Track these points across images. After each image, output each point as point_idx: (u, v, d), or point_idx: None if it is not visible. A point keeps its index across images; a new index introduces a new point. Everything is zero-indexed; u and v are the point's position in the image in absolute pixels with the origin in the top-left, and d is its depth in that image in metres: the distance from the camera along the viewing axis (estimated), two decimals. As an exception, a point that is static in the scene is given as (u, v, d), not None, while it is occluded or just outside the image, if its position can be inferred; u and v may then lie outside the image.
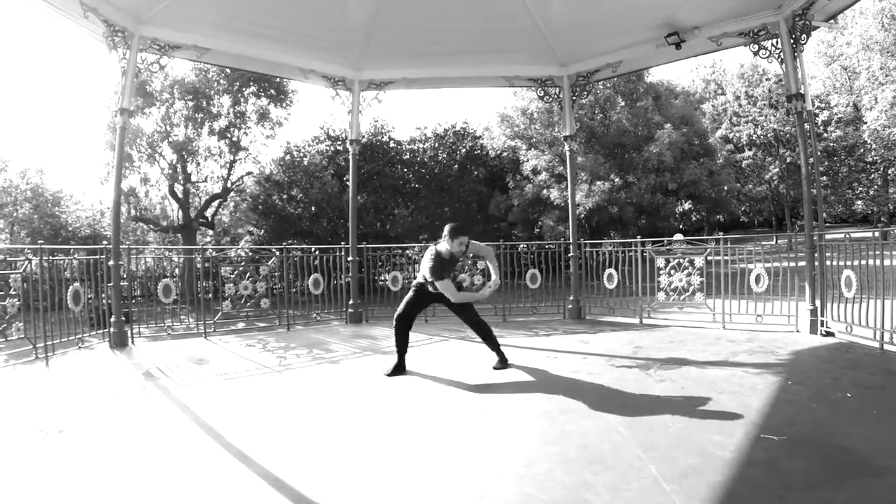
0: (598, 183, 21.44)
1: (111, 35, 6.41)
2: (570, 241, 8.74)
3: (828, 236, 6.63)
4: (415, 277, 5.63)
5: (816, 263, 6.40)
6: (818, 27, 6.43)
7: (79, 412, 4.00)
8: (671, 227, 24.21)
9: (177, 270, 9.24)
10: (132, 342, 6.77)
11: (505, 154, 25.06)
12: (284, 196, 21.60)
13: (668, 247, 7.96)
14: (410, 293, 5.21)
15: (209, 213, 23.43)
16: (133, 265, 7.89)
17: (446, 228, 4.96)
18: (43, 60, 65.00)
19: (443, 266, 4.92)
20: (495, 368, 5.12)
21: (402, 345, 5.15)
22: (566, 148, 8.89)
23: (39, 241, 6.21)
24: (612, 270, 8.23)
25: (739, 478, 2.68)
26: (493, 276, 5.31)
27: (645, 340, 6.37)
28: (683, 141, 22.92)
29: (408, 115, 44.76)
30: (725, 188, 25.89)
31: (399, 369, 5.08)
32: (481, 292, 5.47)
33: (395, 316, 5.17)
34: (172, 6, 6.54)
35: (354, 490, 2.73)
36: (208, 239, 24.53)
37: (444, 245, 4.95)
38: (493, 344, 5.25)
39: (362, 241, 9.69)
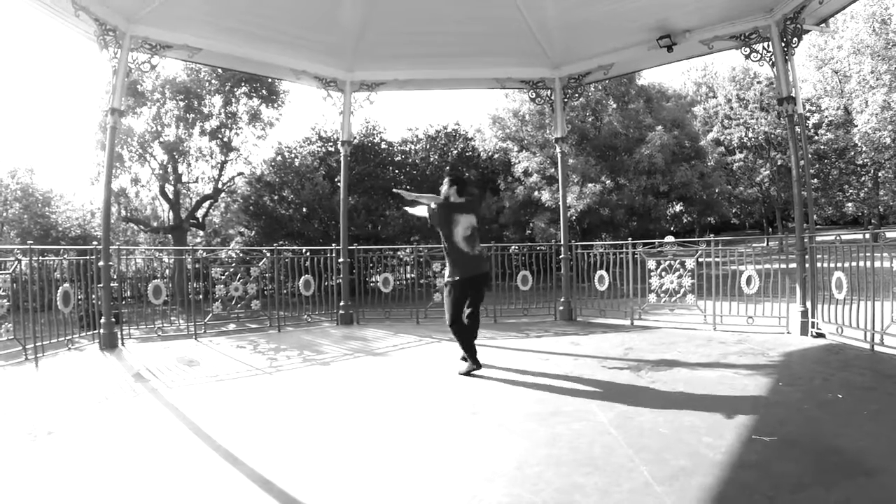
0: (590, 185, 21.52)
1: (102, 34, 6.37)
2: (562, 242, 8.74)
3: (818, 238, 6.67)
4: (406, 279, 5.56)
5: (807, 265, 6.42)
6: (809, 31, 6.48)
7: (68, 414, 3.96)
8: (662, 228, 24.30)
9: (167, 271, 9.18)
10: (122, 343, 6.71)
11: (496, 156, 25.09)
12: (275, 197, 21.56)
13: (659, 248, 7.98)
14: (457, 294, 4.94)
15: (200, 213, 23.34)
16: (123, 266, 7.84)
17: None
18: (33, 59, 64.48)
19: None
20: (461, 374, 4.89)
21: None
22: (557, 150, 8.89)
23: (29, 242, 6.16)
24: (603, 272, 8.24)
25: (730, 479, 2.69)
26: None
27: (636, 342, 6.38)
28: (675, 143, 23.04)
29: (399, 117, 44.76)
30: (716, 190, 26.06)
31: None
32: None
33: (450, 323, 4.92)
34: (164, 5, 6.50)
35: (344, 491, 2.71)
36: (199, 240, 24.42)
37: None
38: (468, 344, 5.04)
39: (353, 242, 9.68)
